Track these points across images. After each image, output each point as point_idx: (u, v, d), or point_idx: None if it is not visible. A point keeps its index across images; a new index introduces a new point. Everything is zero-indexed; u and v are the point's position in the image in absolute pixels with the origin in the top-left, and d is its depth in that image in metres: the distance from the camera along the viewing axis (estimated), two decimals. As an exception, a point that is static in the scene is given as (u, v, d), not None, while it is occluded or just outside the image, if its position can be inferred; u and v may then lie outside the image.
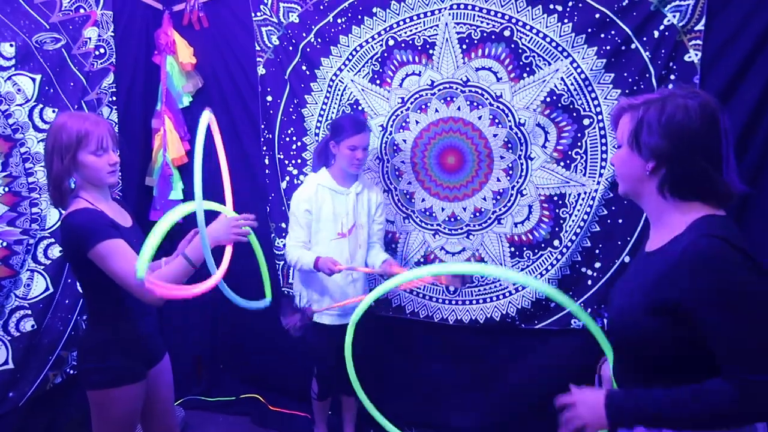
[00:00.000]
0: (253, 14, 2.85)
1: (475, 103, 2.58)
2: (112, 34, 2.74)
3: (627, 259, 2.47)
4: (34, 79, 2.42)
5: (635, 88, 2.34)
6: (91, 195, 1.76)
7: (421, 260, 2.80)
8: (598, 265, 2.54)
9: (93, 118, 1.77)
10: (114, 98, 2.78)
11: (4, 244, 2.36)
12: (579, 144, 2.48)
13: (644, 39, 2.31)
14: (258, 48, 2.89)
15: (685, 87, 1.23)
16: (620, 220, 2.46)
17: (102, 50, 2.70)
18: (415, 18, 2.61)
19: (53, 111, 2.48)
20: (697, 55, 2.25)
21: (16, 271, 2.41)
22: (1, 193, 2.34)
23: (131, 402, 1.80)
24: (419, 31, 2.61)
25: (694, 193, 1.19)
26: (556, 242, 2.58)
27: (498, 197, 2.64)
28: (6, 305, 2.41)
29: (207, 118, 1.56)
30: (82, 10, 2.59)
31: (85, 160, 1.71)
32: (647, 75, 2.32)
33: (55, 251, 2.54)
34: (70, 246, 1.73)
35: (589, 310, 2.55)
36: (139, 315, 1.85)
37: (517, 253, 2.65)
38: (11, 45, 2.32)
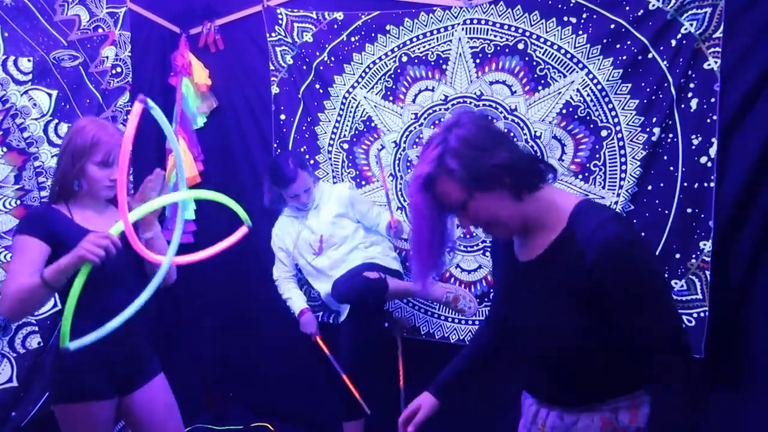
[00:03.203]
0: (267, 35, 2.88)
1: (489, 117, 2.55)
2: (129, 54, 2.78)
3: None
4: (50, 95, 2.44)
5: (653, 97, 2.29)
6: (79, 200, 1.75)
7: (436, 278, 2.71)
8: (620, 281, 2.43)
9: (111, 129, 1.76)
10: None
11: (14, 257, 2.34)
12: (597, 156, 2.41)
13: (661, 48, 2.27)
14: (272, 68, 2.91)
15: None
16: (642, 233, 2.37)
17: (119, 69, 2.73)
18: (428, 34, 2.61)
19: (68, 126, 2.49)
20: (716, 62, 2.19)
21: (24, 286, 2.38)
22: (12, 206, 2.33)
23: (95, 420, 1.70)
24: (432, 47, 2.60)
25: (539, 176, 1.19)
26: (575, 258, 2.48)
27: (514, 212, 2.57)
28: (13, 321, 2.37)
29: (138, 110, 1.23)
30: (100, 30, 2.64)
31: (88, 168, 1.70)
32: (665, 84, 2.27)
33: (65, 267, 2.50)
34: None
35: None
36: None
37: (536, 270, 2.56)
38: (29, 60, 2.35)
